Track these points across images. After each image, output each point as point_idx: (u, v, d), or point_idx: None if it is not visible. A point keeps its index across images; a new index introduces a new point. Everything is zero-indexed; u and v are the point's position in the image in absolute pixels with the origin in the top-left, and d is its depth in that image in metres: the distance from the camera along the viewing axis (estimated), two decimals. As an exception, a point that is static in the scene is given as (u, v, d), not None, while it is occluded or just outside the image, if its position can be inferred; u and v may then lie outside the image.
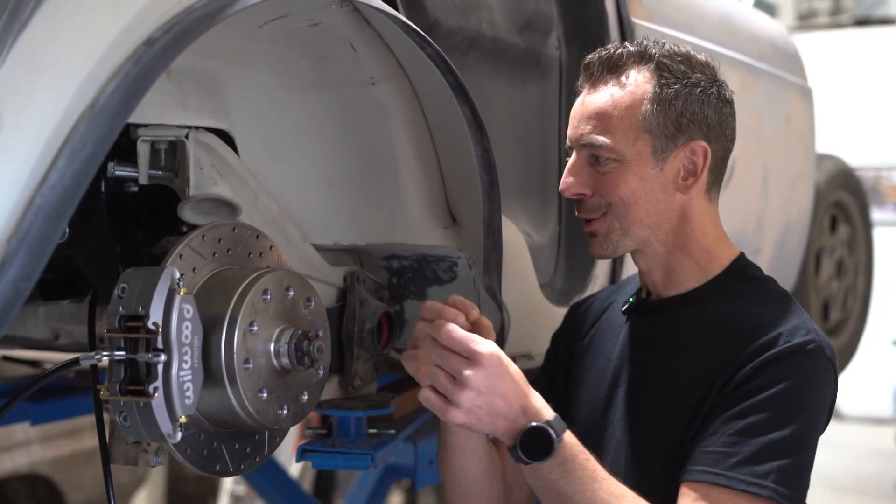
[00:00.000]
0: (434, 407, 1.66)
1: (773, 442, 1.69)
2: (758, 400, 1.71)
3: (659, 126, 1.84)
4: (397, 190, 2.05)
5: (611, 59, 1.87)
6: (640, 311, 1.97)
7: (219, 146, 1.86)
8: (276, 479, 4.04)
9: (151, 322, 1.47)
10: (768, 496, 1.67)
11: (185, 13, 1.35)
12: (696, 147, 1.86)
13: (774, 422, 1.70)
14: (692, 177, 1.87)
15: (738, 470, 1.68)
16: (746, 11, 3.81)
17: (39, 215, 1.18)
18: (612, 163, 1.84)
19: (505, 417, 1.65)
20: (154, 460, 1.74)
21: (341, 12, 1.78)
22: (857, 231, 4.87)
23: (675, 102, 1.84)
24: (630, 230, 1.86)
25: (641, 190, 1.85)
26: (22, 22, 1.18)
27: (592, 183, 1.87)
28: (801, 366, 1.74)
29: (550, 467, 1.66)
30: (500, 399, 1.64)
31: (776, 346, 1.74)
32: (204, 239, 1.65)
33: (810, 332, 1.78)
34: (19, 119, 1.18)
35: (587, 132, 1.86)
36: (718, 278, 1.90)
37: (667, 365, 1.86)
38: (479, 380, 1.62)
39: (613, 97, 1.85)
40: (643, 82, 1.85)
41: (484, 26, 2.31)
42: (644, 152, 1.84)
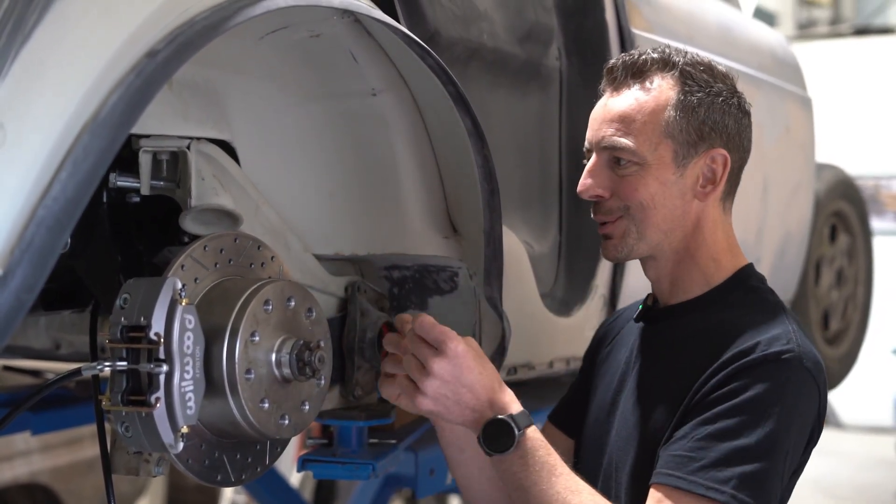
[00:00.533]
0: (405, 392, 1.77)
1: (737, 448, 1.69)
2: (727, 406, 1.72)
3: (681, 132, 1.85)
4: (398, 200, 2.05)
5: (635, 65, 1.88)
6: (647, 318, 1.99)
7: (220, 156, 1.86)
8: (277, 488, 4.04)
9: (153, 332, 1.47)
10: (725, 501, 1.67)
11: (187, 25, 1.36)
12: (717, 155, 1.88)
13: (741, 429, 1.71)
14: (710, 184, 1.89)
15: (699, 474, 1.69)
16: (746, 22, 3.81)
17: (42, 226, 1.18)
18: (633, 166, 1.85)
19: (472, 409, 1.74)
20: (155, 470, 1.74)
21: (343, 23, 1.79)
22: (857, 240, 4.87)
23: (697, 110, 1.86)
24: (646, 234, 1.87)
25: (660, 194, 1.86)
26: (25, 34, 1.18)
27: (611, 185, 1.87)
28: (774, 374, 1.74)
29: (512, 459, 1.73)
30: (466, 390, 1.73)
31: (751, 354, 1.75)
32: (206, 249, 1.65)
33: (790, 343, 1.77)
34: (22, 130, 1.18)
35: (609, 134, 1.86)
36: (720, 287, 1.91)
37: (660, 371, 1.88)
38: (445, 370, 1.72)
39: (638, 101, 1.86)
40: (667, 88, 1.86)
41: (485, 37, 2.32)
42: (665, 157, 1.85)
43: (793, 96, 3.83)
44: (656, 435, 1.81)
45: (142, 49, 1.30)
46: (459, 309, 2.14)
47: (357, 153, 2.03)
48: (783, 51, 4.00)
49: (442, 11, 2.18)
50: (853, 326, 4.84)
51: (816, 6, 13.79)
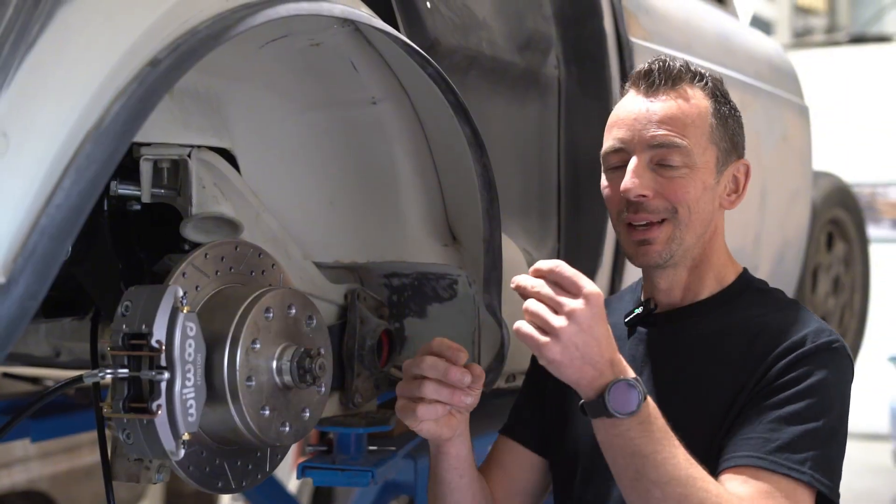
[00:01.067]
0: (529, 338, 1.60)
1: (808, 431, 1.72)
2: (792, 392, 1.74)
3: (721, 140, 1.89)
4: (398, 208, 2.06)
5: (671, 71, 1.90)
6: (647, 321, 1.97)
7: (221, 165, 1.87)
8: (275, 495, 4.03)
9: (155, 340, 1.48)
10: (808, 482, 1.69)
11: (189, 34, 1.37)
12: (742, 165, 1.94)
13: (808, 412, 1.73)
14: (734, 193, 1.93)
15: (777, 455, 1.70)
16: (743, 30, 3.83)
17: (45, 235, 1.19)
18: (684, 168, 1.85)
19: (594, 366, 1.61)
20: (156, 477, 1.75)
21: (343, 32, 1.79)
22: (854, 248, 4.88)
23: (728, 121, 1.90)
24: (685, 238, 1.87)
25: (703, 199, 1.87)
26: (29, 43, 1.19)
27: (655, 186, 1.85)
28: (831, 361, 1.78)
29: (630, 424, 1.63)
30: (596, 344, 1.61)
31: (805, 344, 1.78)
32: (206, 257, 1.66)
33: (833, 333, 1.82)
34: (26, 139, 1.19)
35: (664, 134, 1.84)
36: (730, 288, 1.94)
37: (686, 372, 1.87)
38: (585, 316, 1.58)
39: (686, 104, 1.87)
40: (702, 98, 1.89)
41: (484, 46, 2.33)
42: (710, 162, 1.87)
43: (790, 105, 3.84)
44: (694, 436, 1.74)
45: (144, 58, 1.31)
46: (458, 317, 2.15)
47: (357, 161, 2.04)
48: (780, 59, 4.01)
49: (441, 20, 2.19)
50: (850, 334, 4.85)
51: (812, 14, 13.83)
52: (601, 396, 1.63)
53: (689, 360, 1.88)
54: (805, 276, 4.27)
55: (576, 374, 1.62)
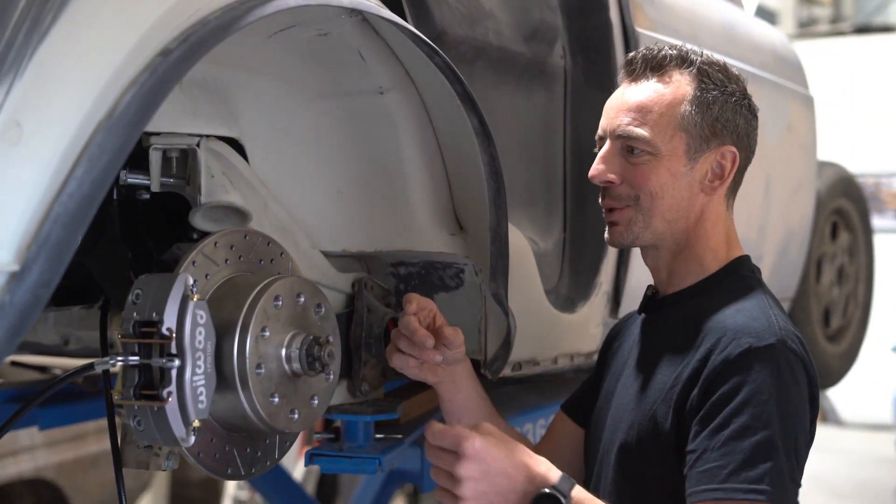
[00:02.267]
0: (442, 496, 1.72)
1: (758, 444, 1.70)
2: (732, 407, 1.72)
3: (695, 126, 1.89)
4: (405, 197, 2.07)
5: (654, 59, 1.93)
6: (647, 308, 2.04)
7: (229, 154, 1.88)
8: (281, 482, 4.05)
9: (165, 327, 1.50)
10: (767, 499, 1.68)
11: (199, 24, 1.38)
12: (727, 152, 1.93)
13: (754, 424, 1.71)
14: (718, 179, 1.93)
15: (733, 480, 1.69)
16: (749, 20, 3.83)
17: (58, 223, 1.20)
18: (646, 155, 1.89)
19: (513, 491, 1.68)
20: (166, 464, 1.76)
21: (350, 22, 1.80)
22: (858, 238, 4.88)
23: (712, 107, 1.91)
24: (651, 223, 1.91)
25: (669, 185, 1.90)
26: (41, 33, 1.20)
27: (622, 172, 1.91)
28: (765, 363, 1.75)
29: None
30: (501, 478, 1.68)
31: (731, 345, 1.77)
32: (216, 246, 1.67)
33: (770, 328, 1.79)
34: (38, 128, 1.20)
35: (626, 123, 1.90)
36: (713, 277, 1.95)
37: (654, 359, 1.92)
38: (472, 469, 1.66)
39: (656, 92, 1.91)
40: (684, 84, 1.91)
41: (490, 36, 2.33)
42: (678, 149, 1.89)
43: (795, 95, 3.84)
44: (644, 417, 1.85)
45: (155, 48, 1.32)
46: (465, 305, 2.16)
47: (364, 151, 2.04)
48: (785, 49, 4.01)
49: (449, 10, 2.19)
50: (854, 324, 4.86)
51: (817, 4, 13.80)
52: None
53: (660, 348, 1.92)
54: (809, 267, 4.27)
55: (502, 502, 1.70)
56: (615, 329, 2.20)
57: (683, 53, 1.94)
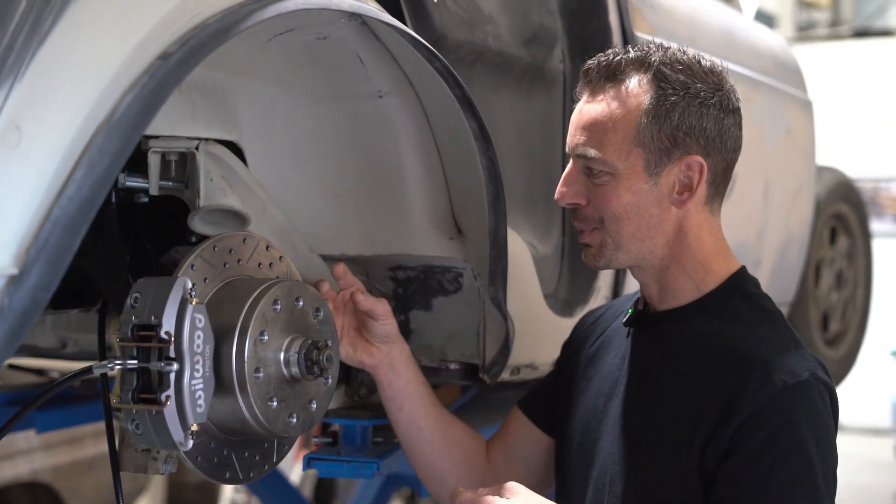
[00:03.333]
0: None
1: (806, 494, 1.67)
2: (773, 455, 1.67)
3: (653, 139, 1.78)
4: (403, 201, 2.07)
5: (609, 67, 1.82)
6: (637, 323, 1.93)
7: (228, 157, 1.88)
8: (277, 486, 4.05)
9: (164, 331, 1.49)
10: None
11: (199, 28, 1.38)
12: (692, 162, 1.80)
13: (798, 470, 1.67)
14: (687, 191, 1.82)
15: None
16: (748, 24, 3.83)
17: (58, 226, 1.20)
18: (605, 176, 1.80)
19: None
20: (163, 468, 1.76)
21: (350, 26, 1.80)
22: (857, 242, 4.88)
23: (671, 115, 1.78)
24: (622, 244, 1.82)
25: (633, 204, 1.80)
26: (41, 36, 1.20)
27: (587, 193, 1.83)
28: (800, 402, 1.70)
29: None
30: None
31: (766, 385, 1.70)
32: (215, 249, 1.67)
33: (801, 361, 1.74)
34: (38, 131, 1.20)
35: (581, 143, 1.82)
36: (713, 294, 1.86)
37: (658, 381, 1.84)
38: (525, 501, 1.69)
39: (609, 108, 1.80)
40: (640, 93, 1.79)
41: (490, 40, 2.33)
42: (637, 166, 1.79)
43: (794, 99, 3.84)
44: (660, 448, 1.77)
45: (155, 51, 1.32)
46: (464, 309, 2.16)
47: (363, 154, 2.04)
48: (784, 53, 4.01)
49: (448, 14, 2.19)
50: (852, 328, 4.85)
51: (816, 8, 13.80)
52: None
53: (659, 368, 1.85)
54: (808, 271, 4.27)
55: None
56: (586, 325, 2.11)
57: (642, 55, 1.82)
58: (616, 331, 2.00)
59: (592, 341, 2.05)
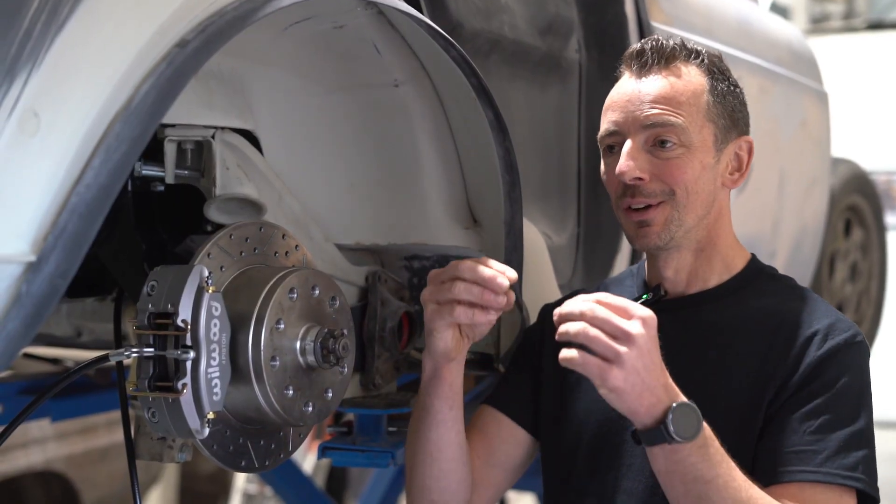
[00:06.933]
0: (592, 365, 1.57)
1: (852, 435, 1.72)
2: (828, 397, 1.73)
3: (720, 117, 1.85)
4: (419, 190, 2.07)
5: (664, 50, 1.86)
6: (659, 308, 1.86)
7: (244, 146, 1.88)
8: (290, 475, 4.06)
9: (180, 319, 1.49)
10: (862, 487, 1.71)
11: (217, 15, 1.37)
12: (743, 142, 1.89)
13: (848, 415, 1.73)
14: (737, 171, 1.90)
15: (829, 465, 1.70)
16: (764, 15, 3.81)
17: (75, 213, 1.20)
18: (680, 148, 1.81)
19: (653, 392, 1.59)
20: (179, 456, 1.77)
21: (366, 15, 1.80)
22: (871, 235, 4.87)
23: (727, 97, 1.86)
24: (684, 221, 1.83)
25: (702, 179, 1.83)
26: (59, 24, 1.20)
27: (650, 168, 1.82)
28: (857, 358, 1.78)
29: (691, 450, 1.61)
30: (655, 368, 1.59)
31: (828, 341, 1.77)
32: (231, 238, 1.67)
33: (853, 326, 1.81)
34: (56, 119, 1.20)
35: (657, 113, 1.81)
36: (740, 275, 1.90)
37: (705, 361, 1.84)
38: (644, 340, 1.57)
39: (677, 83, 1.84)
40: (697, 75, 1.85)
41: (506, 29, 2.33)
42: (708, 141, 1.83)
43: (809, 90, 3.83)
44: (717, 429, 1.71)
45: (172, 39, 1.32)
46: (479, 299, 2.15)
47: (379, 144, 2.04)
48: (800, 45, 4.00)
49: (464, 4, 2.19)
50: (867, 321, 4.85)
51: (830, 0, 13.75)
52: (662, 423, 1.60)
53: (705, 350, 1.85)
54: (822, 263, 4.27)
55: (635, 402, 1.60)
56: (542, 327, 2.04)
57: (687, 45, 1.89)
58: None
59: None
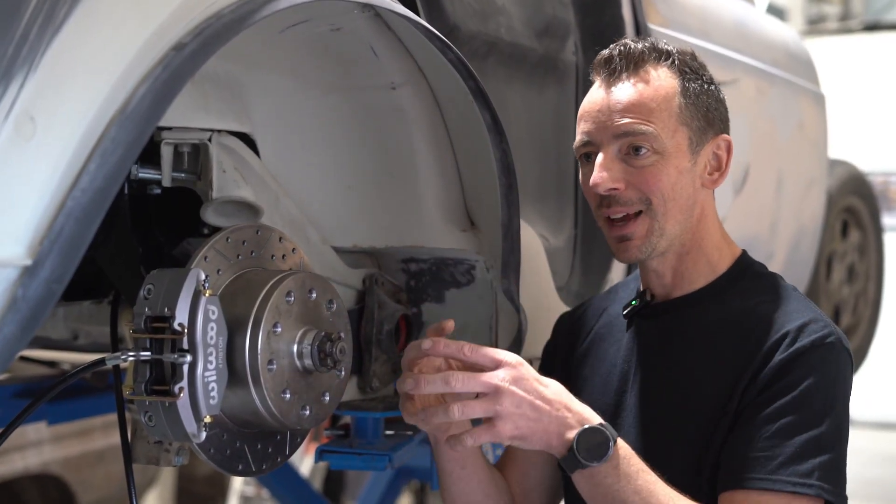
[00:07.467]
0: (480, 434, 1.62)
1: (810, 440, 1.69)
2: (788, 399, 1.70)
3: (692, 119, 1.83)
4: (416, 193, 2.06)
5: (631, 55, 1.84)
6: (644, 314, 1.94)
7: (241, 149, 1.87)
8: (289, 478, 4.06)
9: (177, 323, 1.49)
10: (815, 494, 1.67)
11: (213, 18, 1.37)
12: (721, 141, 1.87)
13: (808, 419, 1.70)
14: (716, 171, 1.88)
15: (781, 472, 1.67)
16: (760, 17, 3.82)
17: (71, 217, 1.19)
18: (653, 155, 1.80)
19: (552, 422, 1.61)
20: (176, 459, 1.76)
21: (363, 17, 1.79)
22: (869, 236, 4.88)
23: (700, 97, 1.84)
24: (665, 229, 1.83)
25: (679, 184, 1.82)
26: (55, 27, 1.19)
27: (626, 177, 1.81)
28: (825, 360, 1.74)
29: (607, 471, 1.62)
30: (542, 402, 1.61)
31: (797, 342, 1.74)
32: (228, 241, 1.67)
33: (827, 326, 1.78)
34: (52, 122, 1.19)
35: (628, 122, 1.80)
36: (725, 276, 1.89)
37: (681, 366, 1.84)
38: (514, 382, 1.59)
39: (647, 89, 1.82)
40: (668, 77, 1.83)
41: (502, 32, 2.33)
42: (682, 145, 1.82)
43: (806, 92, 3.83)
44: (693, 432, 1.78)
45: (169, 42, 1.32)
46: (476, 302, 2.15)
47: (376, 146, 2.04)
48: (796, 46, 4.00)
49: (461, 6, 2.19)
50: (864, 322, 4.85)
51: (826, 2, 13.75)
52: (572, 450, 1.62)
53: (685, 353, 1.85)
54: (820, 264, 4.27)
55: (542, 439, 1.63)
56: (567, 329, 2.10)
57: (657, 46, 1.86)
58: (609, 326, 2.01)
59: (581, 341, 2.04)
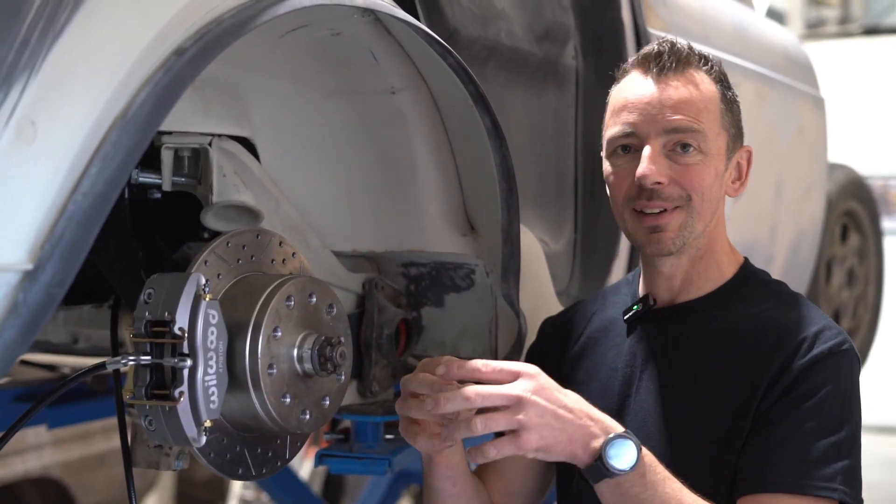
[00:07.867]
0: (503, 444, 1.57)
1: (832, 445, 1.70)
2: (810, 405, 1.72)
3: (731, 125, 1.86)
4: (416, 197, 2.07)
5: (680, 54, 1.85)
6: (647, 318, 1.94)
7: (241, 153, 1.88)
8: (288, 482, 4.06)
9: (177, 327, 1.49)
10: (839, 498, 1.69)
11: (214, 23, 1.37)
12: (744, 151, 1.91)
13: (829, 426, 1.71)
14: (738, 180, 1.91)
15: (808, 475, 1.69)
16: (760, 21, 3.82)
17: (72, 222, 1.19)
18: (699, 154, 1.81)
19: (577, 431, 1.58)
20: (176, 464, 1.76)
21: (363, 22, 1.80)
22: (868, 240, 4.88)
23: (733, 107, 1.88)
24: (696, 226, 1.83)
25: (714, 186, 1.84)
26: (56, 31, 1.19)
27: (670, 172, 1.81)
28: (840, 367, 1.76)
29: (634, 479, 1.60)
30: (564, 411, 1.58)
31: (814, 348, 1.76)
32: (228, 245, 1.67)
33: (841, 333, 1.80)
34: (53, 127, 1.19)
35: (680, 119, 1.80)
36: (731, 282, 1.90)
37: (690, 371, 1.84)
38: (537, 393, 1.56)
39: (697, 90, 1.83)
40: (710, 83, 1.85)
41: (503, 36, 2.33)
42: (722, 149, 1.85)
43: (806, 96, 3.84)
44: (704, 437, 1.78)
45: (170, 47, 1.32)
46: (476, 306, 2.16)
47: (376, 151, 2.04)
48: (796, 50, 4.01)
49: (461, 10, 2.19)
50: (863, 326, 4.85)
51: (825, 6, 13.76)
52: (598, 459, 1.59)
53: (694, 359, 1.85)
54: (819, 268, 4.27)
55: (566, 449, 1.59)
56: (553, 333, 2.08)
57: (698, 51, 1.88)
58: (604, 331, 2.00)
59: (572, 345, 2.03)
